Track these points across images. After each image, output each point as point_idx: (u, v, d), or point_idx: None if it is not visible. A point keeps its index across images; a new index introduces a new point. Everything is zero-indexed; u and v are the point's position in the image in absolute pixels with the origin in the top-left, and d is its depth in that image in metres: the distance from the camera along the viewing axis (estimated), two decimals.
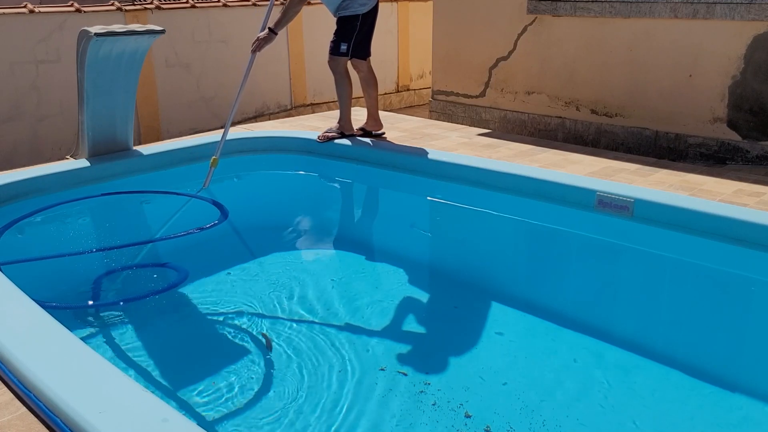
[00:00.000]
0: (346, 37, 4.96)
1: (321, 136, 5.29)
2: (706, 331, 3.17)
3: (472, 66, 6.72)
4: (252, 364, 2.75)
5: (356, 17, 4.91)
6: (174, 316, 3.30)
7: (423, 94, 9.51)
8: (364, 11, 4.91)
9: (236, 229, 4.36)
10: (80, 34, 4.26)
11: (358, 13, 4.90)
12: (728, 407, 2.58)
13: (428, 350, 2.90)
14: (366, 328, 3.05)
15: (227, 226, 4.17)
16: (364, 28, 4.98)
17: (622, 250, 4.02)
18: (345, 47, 4.97)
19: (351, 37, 4.96)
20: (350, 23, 4.93)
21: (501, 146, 5.25)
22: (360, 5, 4.89)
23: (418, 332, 3.07)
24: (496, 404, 2.51)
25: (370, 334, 3.00)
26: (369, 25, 5.03)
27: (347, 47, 4.98)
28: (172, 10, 7.03)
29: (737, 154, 5.22)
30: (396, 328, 3.07)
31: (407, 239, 4.32)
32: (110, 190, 4.48)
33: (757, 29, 4.97)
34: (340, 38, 4.98)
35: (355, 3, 4.88)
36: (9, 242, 3.76)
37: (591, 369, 2.79)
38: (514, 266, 3.97)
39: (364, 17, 4.94)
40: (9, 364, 2.22)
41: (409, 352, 2.85)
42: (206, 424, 2.37)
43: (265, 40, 4.81)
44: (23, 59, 6.11)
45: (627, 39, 5.62)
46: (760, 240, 3.53)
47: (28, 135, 6.26)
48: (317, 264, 3.94)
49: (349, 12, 4.90)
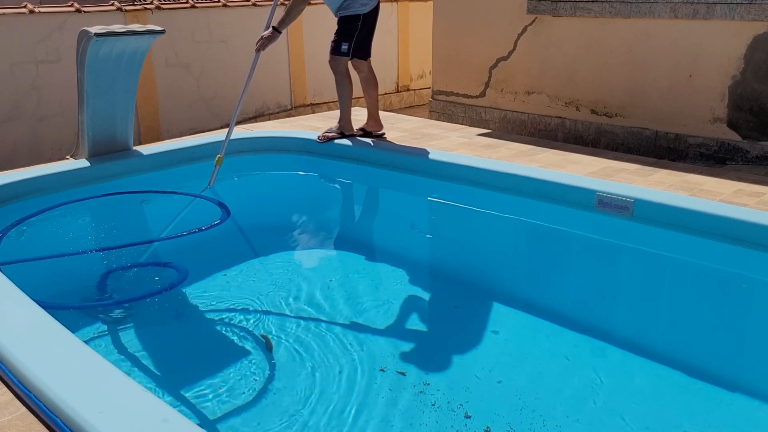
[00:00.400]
0: (347, 37, 4.96)
1: (321, 136, 5.29)
2: (707, 331, 3.17)
3: (472, 66, 6.72)
4: (252, 364, 2.75)
5: (357, 17, 4.92)
6: (174, 316, 3.30)
7: (423, 94, 9.51)
8: (365, 11, 4.92)
9: (236, 230, 4.36)
10: (80, 34, 4.26)
11: (360, 13, 4.91)
12: (728, 407, 2.58)
13: (428, 350, 2.90)
14: (366, 328, 3.05)
15: (227, 227, 4.17)
16: (364, 29, 4.99)
17: (622, 250, 4.01)
18: (346, 47, 4.98)
19: (352, 36, 4.96)
20: (351, 23, 4.94)
21: (501, 146, 5.25)
22: (361, 5, 4.89)
23: (418, 332, 3.07)
24: (496, 404, 2.51)
25: (370, 334, 3.00)
26: (370, 25, 5.04)
27: (348, 47, 4.98)
28: (172, 10, 7.03)
29: (737, 154, 5.22)
30: (396, 328, 3.07)
31: (407, 239, 4.32)
32: (111, 190, 4.48)
33: (757, 29, 4.97)
34: (341, 38, 4.98)
35: (356, 3, 4.89)
36: (9, 242, 3.76)
37: (591, 369, 2.79)
38: (514, 266, 3.97)
39: (365, 17, 4.94)
40: (9, 364, 2.22)
41: (409, 352, 2.86)
42: (206, 424, 2.37)
43: (269, 39, 4.83)
44: (23, 59, 6.11)
45: (627, 39, 5.62)
46: (760, 240, 3.53)
47: (28, 135, 6.26)
48: (317, 264, 3.94)
49: (351, 12, 4.91)
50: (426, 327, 3.13)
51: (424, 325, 3.15)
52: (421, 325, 3.14)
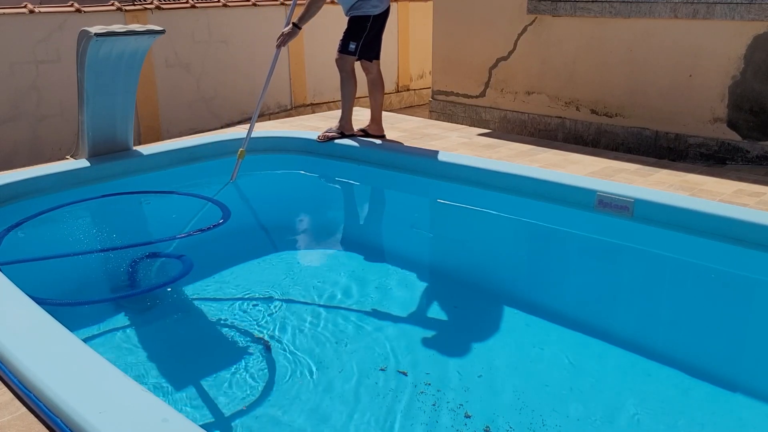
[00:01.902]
0: (356, 37, 5.03)
1: (321, 135, 5.29)
2: (707, 331, 3.17)
3: (472, 66, 6.72)
4: (252, 364, 2.75)
5: (367, 18, 4.99)
6: (174, 316, 3.30)
7: (423, 94, 9.51)
8: (375, 13, 4.99)
9: (236, 230, 4.36)
10: (80, 34, 4.26)
11: (370, 14, 4.98)
12: (728, 407, 2.58)
13: (428, 350, 2.89)
14: (366, 328, 3.05)
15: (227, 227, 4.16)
16: (373, 30, 5.07)
17: (622, 250, 4.01)
18: (354, 46, 5.04)
19: (360, 37, 5.03)
20: (361, 23, 5.00)
21: (501, 146, 5.25)
22: (372, 6, 4.97)
23: (418, 332, 3.07)
24: (496, 404, 2.51)
25: (370, 334, 3.00)
26: (379, 27, 5.11)
27: (356, 46, 5.05)
28: (172, 10, 7.03)
29: (737, 154, 5.22)
30: (396, 328, 3.07)
31: (407, 239, 4.32)
32: (111, 190, 4.48)
33: (757, 29, 4.97)
34: (349, 37, 5.05)
35: (367, 4, 4.96)
36: (10, 242, 3.76)
37: (591, 369, 2.79)
38: (514, 266, 3.97)
39: (375, 19, 5.02)
40: (9, 364, 2.22)
41: (409, 352, 2.85)
42: (206, 424, 2.37)
43: (289, 35, 4.94)
44: (23, 59, 6.11)
45: (627, 39, 5.62)
46: (760, 240, 3.53)
47: (28, 135, 6.26)
48: (316, 264, 3.94)
49: (361, 12, 4.98)
50: (426, 327, 3.12)
51: (424, 325, 3.15)
52: (422, 325, 3.14)
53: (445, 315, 3.28)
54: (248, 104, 7.68)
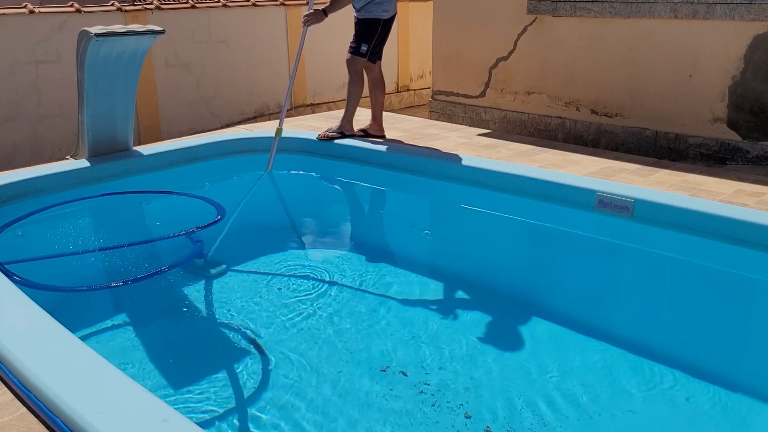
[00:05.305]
0: (368, 39, 5.10)
1: (321, 134, 5.30)
2: (707, 331, 3.17)
3: (472, 66, 6.71)
4: (252, 364, 2.75)
5: (378, 21, 5.06)
6: (174, 316, 3.29)
7: (423, 95, 9.50)
8: (386, 17, 5.08)
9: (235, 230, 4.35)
10: (80, 34, 4.26)
11: (381, 17, 5.04)
12: (729, 407, 2.58)
13: (428, 350, 2.89)
14: (366, 328, 3.05)
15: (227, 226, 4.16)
16: (382, 34, 5.14)
17: (622, 250, 4.01)
18: (366, 48, 5.11)
19: (372, 39, 5.10)
20: (372, 26, 5.07)
21: (501, 146, 5.25)
22: (383, 11, 5.05)
23: (419, 332, 3.07)
24: (496, 404, 2.51)
25: (370, 334, 3.00)
26: (386, 31, 5.19)
27: (368, 48, 5.11)
28: (172, 11, 7.04)
29: (737, 154, 5.22)
30: (396, 328, 3.07)
31: (407, 239, 4.32)
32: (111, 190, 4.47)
33: (757, 29, 4.97)
34: (361, 39, 5.11)
35: (379, 8, 5.03)
36: (10, 242, 3.76)
37: (591, 369, 2.79)
38: (514, 266, 3.97)
39: (384, 22, 5.10)
40: (9, 364, 2.22)
41: (409, 352, 2.85)
42: (206, 424, 2.37)
43: (315, 18, 5.03)
44: (23, 59, 6.11)
45: (627, 39, 5.62)
46: (760, 240, 3.53)
47: (28, 135, 6.26)
48: (315, 264, 3.93)
49: (372, 15, 5.05)
50: (426, 327, 3.12)
51: (424, 325, 3.14)
52: (422, 325, 3.14)
53: (445, 315, 3.28)
54: (248, 104, 7.69)
